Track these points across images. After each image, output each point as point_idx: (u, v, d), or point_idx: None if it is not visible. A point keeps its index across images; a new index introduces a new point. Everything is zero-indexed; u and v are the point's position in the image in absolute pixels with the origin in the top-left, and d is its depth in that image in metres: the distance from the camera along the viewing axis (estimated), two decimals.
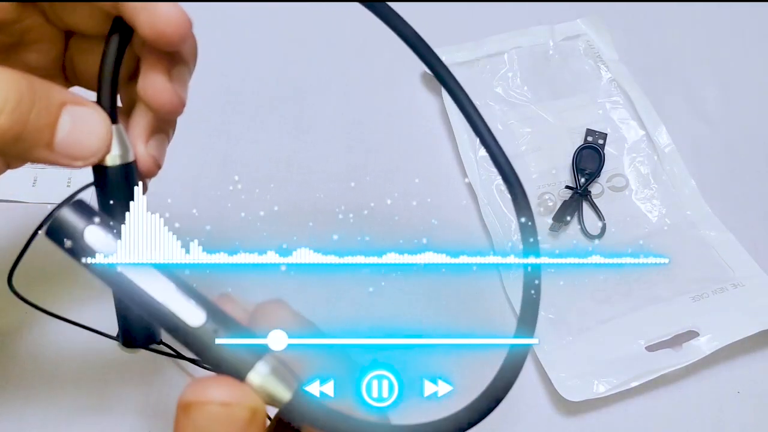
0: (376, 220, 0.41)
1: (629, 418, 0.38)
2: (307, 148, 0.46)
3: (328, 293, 0.39)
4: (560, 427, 0.38)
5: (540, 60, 0.49)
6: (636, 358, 0.38)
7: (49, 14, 0.27)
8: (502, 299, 0.41)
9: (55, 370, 0.38)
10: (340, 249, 0.36)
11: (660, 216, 0.44)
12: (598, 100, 0.48)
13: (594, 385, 0.37)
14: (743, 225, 0.44)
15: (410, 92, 0.49)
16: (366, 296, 0.40)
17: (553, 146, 0.46)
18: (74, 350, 0.38)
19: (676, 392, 0.39)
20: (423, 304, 0.41)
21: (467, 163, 0.45)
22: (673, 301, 0.40)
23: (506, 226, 0.43)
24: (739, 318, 0.39)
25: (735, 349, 0.39)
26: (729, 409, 0.38)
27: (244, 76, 0.49)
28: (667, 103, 0.48)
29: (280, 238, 0.41)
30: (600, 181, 0.45)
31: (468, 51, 0.48)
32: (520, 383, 0.38)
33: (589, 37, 0.50)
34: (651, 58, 0.51)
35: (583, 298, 0.40)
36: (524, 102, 0.47)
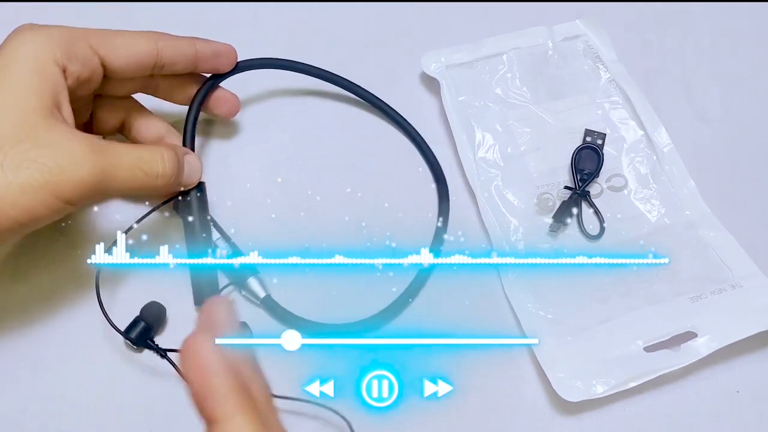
0: (376, 220, 0.41)
1: (628, 419, 0.38)
2: (305, 148, 0.46)
3: (329, 293, 0.39)
4: (559, 427, 0.38)
5: (539, 61, 0.49)
6: (634, 358, 0.38)
7: (109, 88, 0.39)
8: (502, 299, 0.41)
9: (55, 369, 0.38)
10: (339, 249, 0.36)
11: (659, 216, 0.44)
12: (597, 101, 0.48)
13: (592, 385, 0.37)
14: (742, 225, 0.44)
15: (409, 93, 0.49)
16: (366, 296, 0.40)
17: (552, 146, 0.46)
18: (75, 350, 0.38)
19: (675, 393, 0.39)
20: (423, 304, 0.41)
21: (466, 163, 0.45)
22: (672, 301, 0.40)
23: (505, 227, 0.43)
24: (738, 318, 0.39)
25: (734, 350, 0.39)
26: (728, 409, 0.38)
27: (243, 76, 0.49)
28: (666, 103, 0.49)
29: (281, 238, 0.41)
30: (599, 181, 0.45)
31: (467, 52, 0.49)
32: (519, 383, 0.39)
33: (588, 37, 0.50)
34: (650, 58, 0.51)
35: (582, 298, 0.40)
36: (523, 102, 0.47)
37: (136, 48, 0.38)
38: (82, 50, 0.36)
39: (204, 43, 0.41)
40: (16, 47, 0.34)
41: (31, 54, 0.34)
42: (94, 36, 0.36)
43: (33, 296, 0.40)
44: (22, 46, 0.34)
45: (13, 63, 0.34)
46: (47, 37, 0.35)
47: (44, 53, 0.34)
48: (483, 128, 0.46)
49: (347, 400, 0.36)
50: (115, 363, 0.38)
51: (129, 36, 0.38)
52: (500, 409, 0.38)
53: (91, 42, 0.36)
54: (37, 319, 0.39)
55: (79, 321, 0.39)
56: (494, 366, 0.39)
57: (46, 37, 0.35)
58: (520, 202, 0.44)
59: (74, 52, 0.35)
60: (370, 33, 0.52)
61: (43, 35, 0.35)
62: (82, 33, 0.36)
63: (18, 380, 0.37)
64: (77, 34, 0.36)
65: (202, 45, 0.40)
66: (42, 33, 0.35)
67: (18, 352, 0.38)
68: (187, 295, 0.39)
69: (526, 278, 0.41)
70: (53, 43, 0.34)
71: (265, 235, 0.41)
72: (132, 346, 0.38)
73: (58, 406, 0.37)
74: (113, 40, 0.37)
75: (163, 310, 0.39)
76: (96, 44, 0.36)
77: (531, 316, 0.40)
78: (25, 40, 0.34)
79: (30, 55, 0.34)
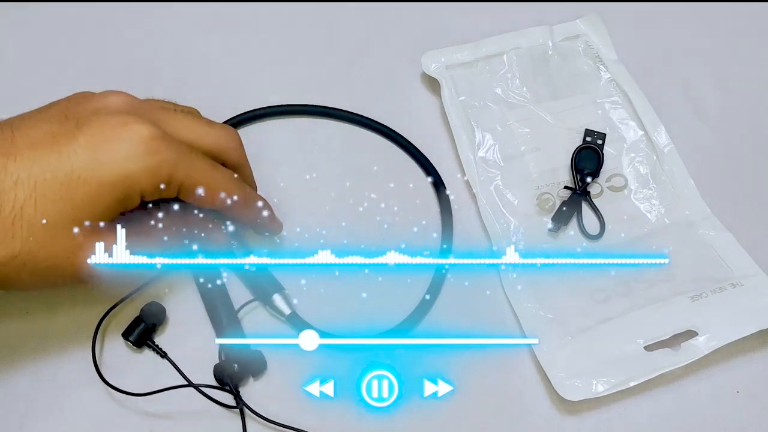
0: (375, 221, 0.41)
1: (628, 418, 0.38)
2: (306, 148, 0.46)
3: (329, 293, 0.39)
4: (559, 427, 0.38)
5: (539, 60, 0.49)
6: (635, 357, 0.38)
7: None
8: (502, 299, 0.41)
9: (56, 368, 0.38)
10: (339, 249, 0.36)
11: (659, 216, 0.44)
12: (597, 101, 0.48)
13: (593, 384, 0.37)
14: (742, 224, 0.44)
15: (409, 93, 0.49)
16: (365, 296, 0.40)
17: (553, 146, 0.46)
18: (75, 349, 0.38)
19: (675, 392, 0.39)
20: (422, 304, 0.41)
21: (466, 163, 0.45)
22: (672, 300, 0.40)
23: (505, 227, 0.43)
24: (738, 317, 0.39)
25: (734, 349, 0.39)
26: (728, 408, 0.38)
27: (243, 77, 0.49)
28: (666, 103, 0.49)
29: (281, 239, 0.41)
30: (599, 181, 0.45)
31: (467, 52, 0.49)
32: (519, 383, 0.39)
33: (588, 37, 0.50)
34: (650, 58, 0.51)
35: (583, 298, 0.40)
36: (523, 102, 0.47)
37: (212, 200, 0.36)
38: (169, 188, 0.34)
39: (265, 214, 0.39)
40: (120, 154, 0.33)
41: (126, 181, 0.33)
42: (189, 179, 0.34)
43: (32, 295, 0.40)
44: (125, 162, 0.33)
45: (108, 174, 0.32)
46: (156, 165, 0.33)
47: (138, 185, 0.33)
48: (483, 128, 0.46)
49: (347, 400, 0.37)
50: (116, 362, 0.38)
51: (211, 187, 0.35)
52: (500, 408, 0.38)
53: (183, 182, 0.34)
54: (37, 318, 0.39)
55: (80, 320, 0.39)
56: (494, 366, 0.39)
57: (155, 164, 0.33)
58: (520, 202, 0.44)
59: (164, 186, 0.34)
60: (370, 33, 0.52)
61: (155, 159, 0.33)
62: (184, 167, 0.34)
63: (19, 380, 0.38)
64: (179, 167, 0.34)
65: (264, 217, 0.39)
66: (155, 156, 0.33)
67: (18, 351, 0.38)
68: (187, 295, 0.39)
69: (526, 278, 0.41)
70: (152, 175, 0.33)
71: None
72: (132, 346, 0.38)
73: (59, 405, 0.37)
74: (198, 189, 0.35)
75: (163, 310, 0.39)
76: (183, 187, 0.35)
77: (531, 316, 0.40)
78: (133, 151, 0.33)
79: (124, 182, 0.33)
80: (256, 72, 0.49)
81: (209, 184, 0.35)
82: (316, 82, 0.49)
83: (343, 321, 0.39)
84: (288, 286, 0.40)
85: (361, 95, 0.48)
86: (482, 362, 0.39)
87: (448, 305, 0.41)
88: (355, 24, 0.52)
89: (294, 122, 0.47)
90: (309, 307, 0.39)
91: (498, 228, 0.43)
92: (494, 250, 0.42)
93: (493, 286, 0.41)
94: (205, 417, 0.36)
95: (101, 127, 0.33)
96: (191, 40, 0.50)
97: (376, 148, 0.46)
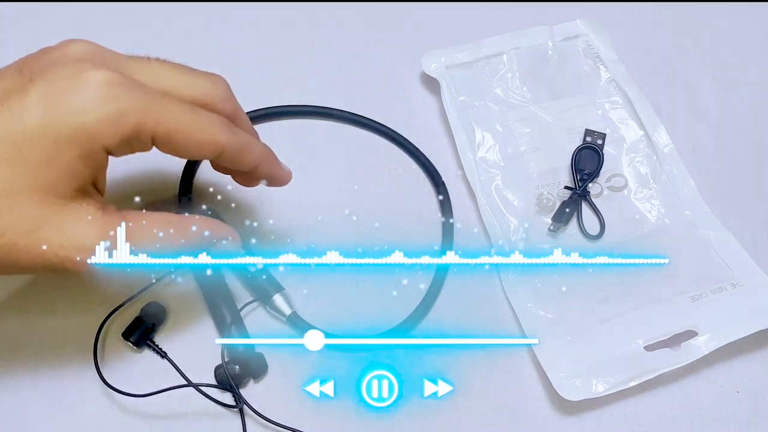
0: (375, 221, 0.41)
1: (628, 418, 0.38)
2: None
3: (329, 293, 0.40)
4: (559, 427, 0.38)
5: (539, 60, 0.49)
6: (635, 357, 0.38)
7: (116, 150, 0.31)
8: (502, 299, 0.41)
9: (56, 369, 0.38)
10: (341, 249, 0.36)
11: (659, 216, 0.44)
12: (597, 101, 0.48)
13: (593, 384, 0.37)
14: (742, 225, 0.44)
15: (409, 93, 0.49)
16: (365, 296, 0.40)
17: (553, 146, 0.46)
18: (75, 350, 0.38)
19: (675, 392, 0.39)
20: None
21: (466, 163, 0.45)
22: (672, 300, 0.40)
23: (505, 227, 0.43)
24: (738, 317, 0.39)
25: (734, 349, 0.39)
26: (728, 408, 0.38)
27: (243, 77, 0.49)
28: (666, 103, 0.49)
29: (282, 240, 0.41)
30: (599, 181, 0.45)
31: (467, 52, 0.49)
32: (519, 383, 0.39)
33: (588, 37, 0.50)
34: (650, 58, 0.51)
35: (582, 298, 0.40)
36: (523, 102, 0.47)
37: (200, 150, 0.32)
38: (140, 139, 0.30)
39: (267, 165, 0.36)
40: (74, 105, 0.29)
41: (83, 135, 0.29)
42: (161, 126, 0.30)
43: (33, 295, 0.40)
44: (80, 114, 0.29)
45: (62, 128, 0.28)
46: (116, 113, 0.29)
47: (99, 139, 0.29)
48: (483, 128, 0.46)
49: (347, 400, 0.37)
50: (116, 362, 0.38)
51: (192, 134, 0.31)
52: (500, 408, 0.38)
53: (155, 131, 0.30)
54: (37, 319, 0.39)
55: (80, 321, 0.39)
56: (494, 366, 0.39)
57: (115, 112, 0.29)
58: (520, 202, 0.44)
59: (132, 138, 0.30)
60: (370, 33, 0.52)
61: (114, 106, 0.29)
62: (154, 114, 0.30)
63: (19, 380, 0.38)
64: (147, 114, 0.30)
65: (265, 167, 0.36)
66: (113, 103, 0.29)
67: (18, 351, 0.38)
68: (187, 295, 0.39)
69: (526, 278, 0.41)
70: (113, 125, 0.29)
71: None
72: (132, 346, 0.38)
73: (59, 405, 0.37)
74: (176, 137, 0.31)
75: (163, 311, 0.39)
76: (157, 136, 0.31)
77: (531, 316, 0.40)
78: (89, 100, 0.29)
79: (81, 136, 0.29)
80: (255, 72, 0.49)
81: (191, 132, 0.31)
82: (316, 82, 0.49)
83: (343, 321, 0.39)
84: (288, 286, 0.40)
85: (361, 95, 0.48)
86: (482, 362, 0.39)
87: (448, 305, 0.41)
88: (355, 24, 0.52)
89: (294, 123, 0.47)
90: (309, 307, 0.39)
91: (498, 228, 0.43)
92: (494, 250, 0.42)
93: (493, 286, 0.41)
94: (205, 417, 0.36)
95: (54, 78, 0.29)
96: (191, 40, 0.50)
97: (376, 148, 0.46)
